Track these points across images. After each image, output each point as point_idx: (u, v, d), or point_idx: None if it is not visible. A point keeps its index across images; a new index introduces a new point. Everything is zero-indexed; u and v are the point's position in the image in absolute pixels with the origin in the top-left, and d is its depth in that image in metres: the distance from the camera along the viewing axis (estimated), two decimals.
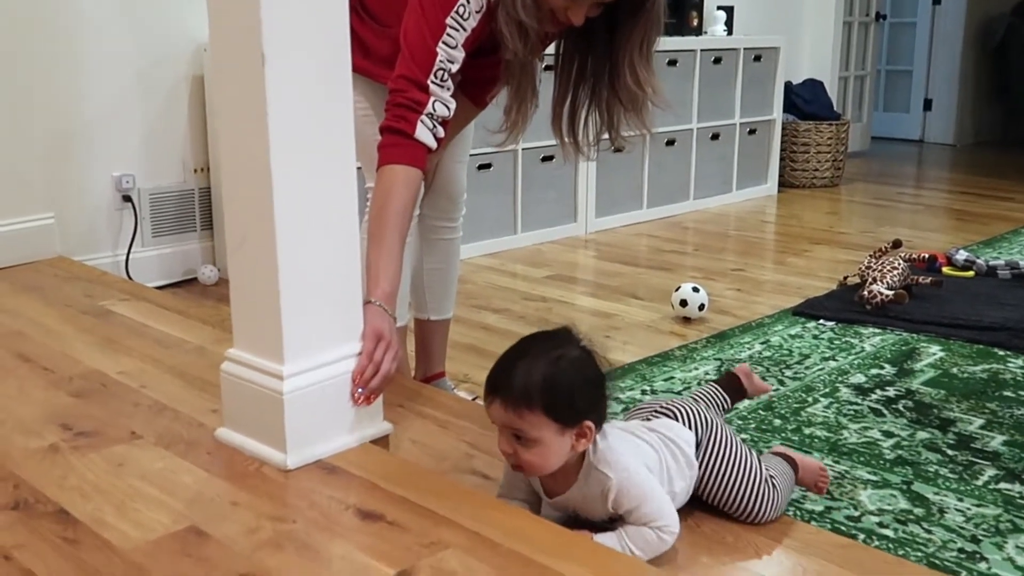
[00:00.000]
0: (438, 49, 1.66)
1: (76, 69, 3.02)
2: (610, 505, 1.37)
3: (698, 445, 1.51)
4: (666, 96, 1.81)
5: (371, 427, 1.58)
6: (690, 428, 1.52)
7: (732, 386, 1.78)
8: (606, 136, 1.86)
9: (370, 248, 1.65)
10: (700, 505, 1.52)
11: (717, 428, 1.54)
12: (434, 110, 1.67)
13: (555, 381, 1.32)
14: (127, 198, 3.17)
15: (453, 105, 1.70)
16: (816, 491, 1.69)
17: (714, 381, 1.81)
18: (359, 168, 1.63)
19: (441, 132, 1.70)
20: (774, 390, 2.33)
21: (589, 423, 1.35)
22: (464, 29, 1.68)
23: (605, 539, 1.36)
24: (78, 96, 3.04)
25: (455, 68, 1.68)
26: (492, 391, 1.35)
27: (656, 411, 1.56)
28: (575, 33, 1.77)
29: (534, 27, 1.66)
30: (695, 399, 1.69)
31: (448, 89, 1.69)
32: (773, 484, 1.54)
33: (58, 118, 2.99)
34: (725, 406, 1.76)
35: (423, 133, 1.67)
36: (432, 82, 1.67)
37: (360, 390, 1.54)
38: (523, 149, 3.84)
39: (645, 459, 1.43)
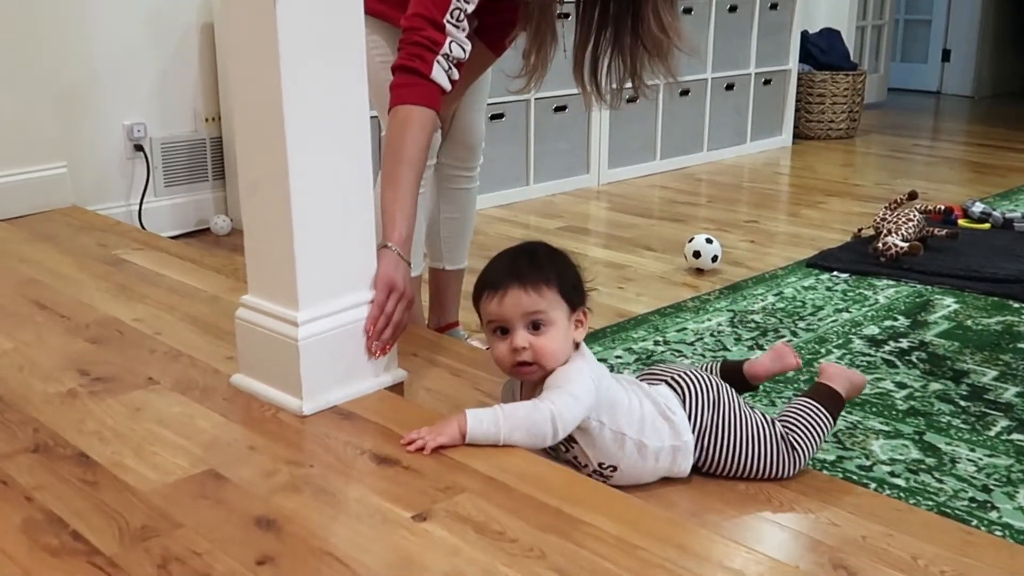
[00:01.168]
0: None
1: (85, 18, 3.00)
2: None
3: (703, 427, 1.48)
4: (691, 41, 1.77)
5: (386, 374, 1.58)
6: (693, 409, 1.48)
7: (736, 379, 1.66)
8: (629, 84, 1.82)
9: (384, 191, 1.64)
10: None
11: (723, 403, 1.50)
12: (450, 51, 1.65)
13: (560, 263, 1.44)
14: (139, 147, 3.17)
15: (469, 47, 1.68)
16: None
17: (722, 365, 1.71)
18: (374, 117, 1.62)
19: (456, 74, 1.68)
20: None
21: (584, 309, 1.44)
22: None
23: (480, 411, 1.35)
24: (88, 45, 3.02)
25: (471, 8, 1.65)
26: (502, 283, 1.39)
27: (661, 381, 1.52)
28: None
29: None
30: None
31: (464, 30, 1.66)
32: (791, 443, 1.51)
33: (68, 67, 2.98)
34: None
35: (439, 74, 1.65)
36: (448, 21, 1.64)
37: (375, 343, 1.55)
38: (536, 99, 3.81)
39: (604, 383, 1.41)
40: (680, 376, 1.52)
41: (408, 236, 1.62)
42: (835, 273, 2.89)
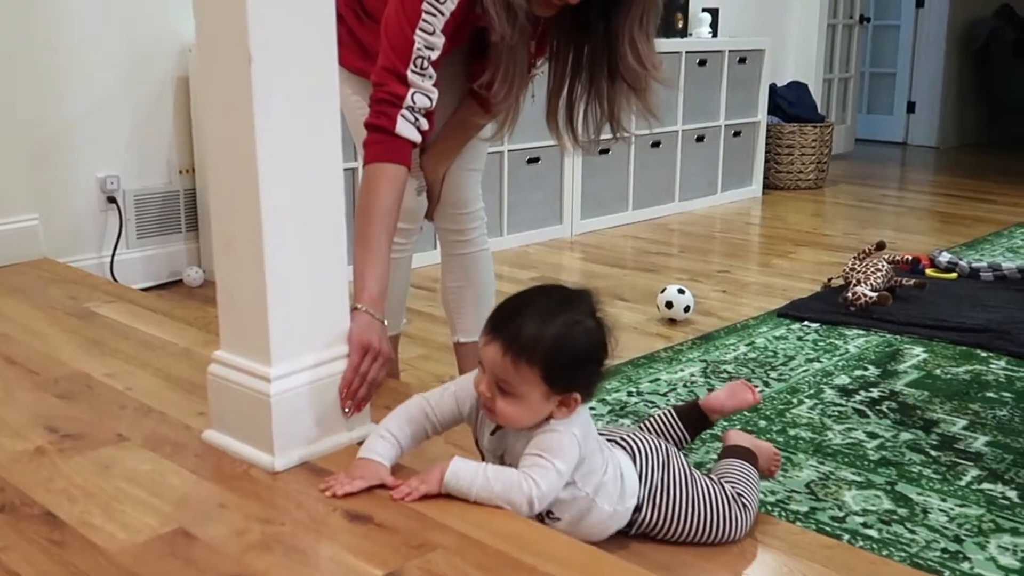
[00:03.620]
0: (415, 36, 1.64)
1: (60, 69, 3.01)
2: (530, 437, 1.33)
3: (652, 488, 1.44)
4: (666, 73, 1.74)
5: (359, 428, 1.58)
6: (643, 471, 1.44)
7: (693, 419, 1.69)
8: (607, 127, 1.80)
9: (356, 250, 1.64)
10: None
11: (672, 466, 1.47)
12: (414, 102, 1.66)
13: (564, 346, 1.29)
14: (112, 199, 3.16)
15: (435, 95, 1.68)
16: (768, 474, 1.69)
17: (675, 409, 1.71)
18: (350, 168, 1.62)
19: (425, 124, 1.68)
20: (758, 392, 2.34)
21: (577, 396, 1.33)
22: (442, 14, 1.65)
23: (464, 463, 1.32)
24: (62, 96, 3.02)
25: (435, 55, 1.66)
26: (495, 331, 1.31)
27: (612, 441, 1.48)
28: (569, 21, 1.73)
29: (523, 6, 1.61)
30: (647, 430, 1.63)
31: (430, 78, 1.67)
32: (743, 502, 1.49)
33: (42, 118, 2.98)
34: (682, 443, 1.68)
35: (404, 127, 1.66)
36: (412, 71, 1.65)
37: (349, 402, 1.54)
38: (509, 151, 3.85)
39: (592, 447, 1.37)
40: (630, 437, 1.48)
41: (379, 296, 1.61)
42: (806, 323, 2.92)
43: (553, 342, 1.28)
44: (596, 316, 1.34)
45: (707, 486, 1.48)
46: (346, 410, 1.54)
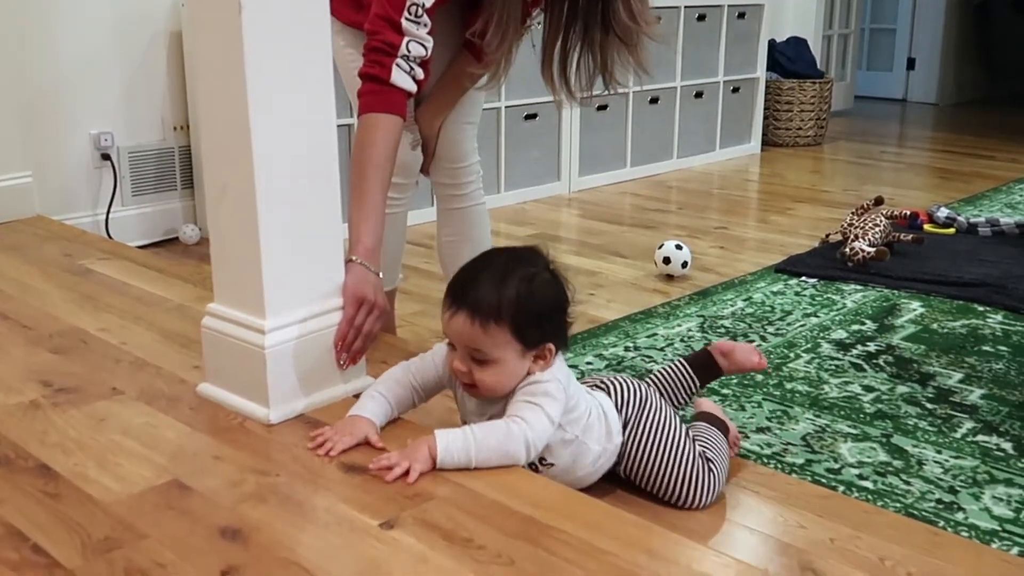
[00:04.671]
0: None
1: (51, 23, 2.97)
2: (514, 395, 1.32)
3: (626, 424, 1.45)
4: (660, 29, 1.73)
5: (355, 381, 1.58)
6: (620, 405, 1.45)
7: (703, 364, 1.68)
8: (600, 81, 1.78)
9: (351, 203, 1.63)
10: None
11: (649, 406, 1.47)
12: (409, 51, 1.64)
13: (527, 299, 1.30)
14: (106, 156, 3.14)
15: (430, 44, 1.67)
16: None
17: (685, 358, 1.70)
18: (344, 125, 1.61)
19: (420, 74, 1.67)
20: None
21: (550, 346, 1.33)
22: None
23: (447, 432, 1.31)
24: (54, 53, 2.99)
25: (429, 3, 1.64)
26: (456, 302, 1.30)
27: (593, 386, 1.49)
28: None
29: None
30: (642, 378, 1.62)
31: (424, 26, 1.65)
32: (710, 467, 1.47)
33: (34, 76, 2.95)
34: (692, 388, 1.67)
35: (399, 77, 1.64)
36: (406, 18, 1.63)
37: (344, 355, 1.54)
38: (506, 107, 3.81)
39: (576, 390, 1.38)
40: (608, 378, 1.50)
41: (374, 248, 1.60)
42: (803, 278, 2.91)
43: (516, 297, 1.29)
44: (550, 268, 1.35)
45: (681, 438, 1.46)
46: (341, 362, 1.54)
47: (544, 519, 1.20)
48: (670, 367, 1.68)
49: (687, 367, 1.67)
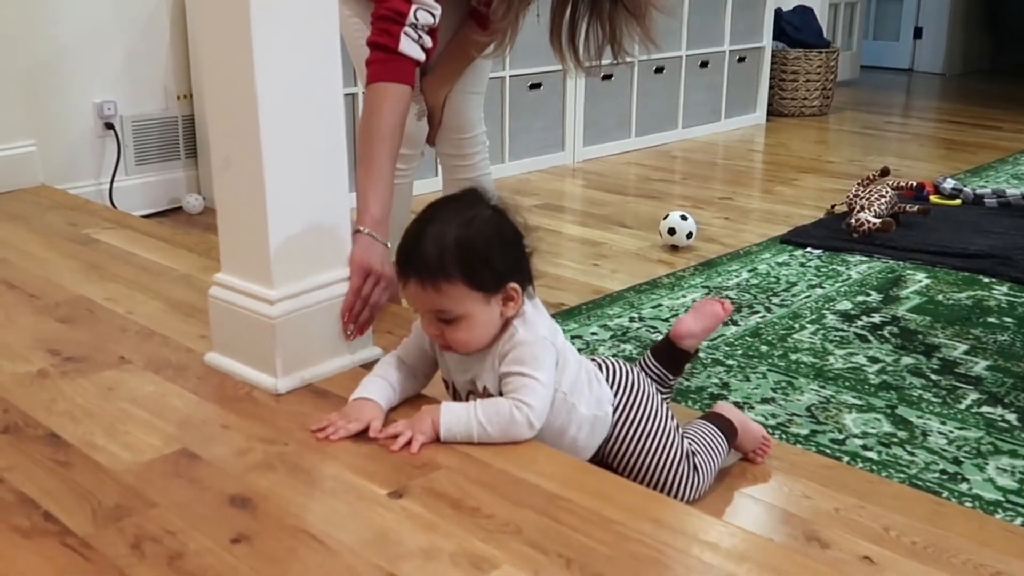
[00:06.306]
0: None
1: None
2: (498, 355, 1.30)
3: (616, 407, 1.41)
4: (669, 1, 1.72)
5: (361, 351, 1.58)
6: (612, 384, 1.42)
7: (663, 351, 1.59)
8: (608, 51, 1.77)
9: (359, 172, 1.63)
10: None
11: (641, 392, 1.44)
12: (417, 19, 1.63)
13: (470, 244, 1.24)
14: (109, 125, 3.13)
15: (438, 11, 1.66)
16: (751, 460, 1.56)
17: (650, 349, 1.62)
18: (350, 94, 1.60)
19: (428, 42, 1.66)
20: (760, 317, 2.35)
21: (514, 285, 1.28)
22: None
23: (453, 407, 1.29)
24: (56, 21, 2.97)
25: None
26: (404, 269, 1.27)
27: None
28: None
29: None
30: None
31: None
32: (694, 465, 1.42)
33: (37, 44, 2.93)
34: (665, 379, 1.59)
35: (407, 45, 1.63)
36: None
37: (351, 325, 1.54)
38: (511, 76, 3.79)
39: (563, 344, 1.35)
40: (601, 358, 1.47)
41: (382, 217, 1.60)
42: (808, 249, 2.91)
43: (457, 246, 1.24)
44: (491, 204, 1.31)
45: (669, 430, 1.43)
46: (348, 333, 1.54)
47: (552, 489, 1.21)
48: (641, 364, 1.61)
49: (652, 361, 1.60)
